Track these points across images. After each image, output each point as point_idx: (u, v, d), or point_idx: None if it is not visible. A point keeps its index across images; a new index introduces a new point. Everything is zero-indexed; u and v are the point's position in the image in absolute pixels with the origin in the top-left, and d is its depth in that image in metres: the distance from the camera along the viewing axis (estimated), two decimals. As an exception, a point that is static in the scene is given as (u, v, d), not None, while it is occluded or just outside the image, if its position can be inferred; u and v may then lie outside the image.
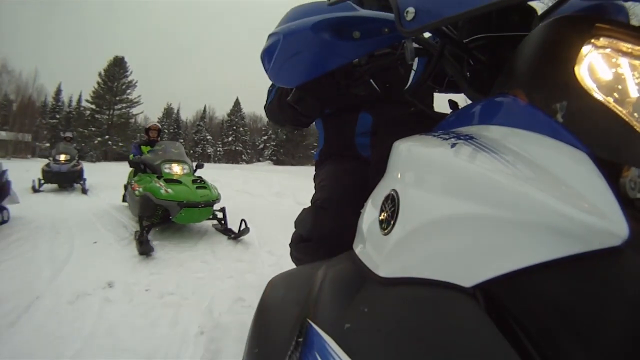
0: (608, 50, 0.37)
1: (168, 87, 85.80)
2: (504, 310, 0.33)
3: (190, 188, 3.91)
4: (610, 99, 0.35)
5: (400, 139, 0.63)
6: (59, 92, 42.25)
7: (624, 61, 0.37)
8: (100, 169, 8.34)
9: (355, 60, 0.81)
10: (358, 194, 0.86)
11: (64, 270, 2.74)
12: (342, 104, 1.17)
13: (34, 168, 7.38)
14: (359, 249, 0.63)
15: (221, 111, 62.55)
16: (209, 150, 46.75)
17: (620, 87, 0.36)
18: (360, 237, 0.66)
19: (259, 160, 45.29)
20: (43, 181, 7.41)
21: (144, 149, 5.37)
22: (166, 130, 45.40)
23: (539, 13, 0.71)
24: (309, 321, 0.52)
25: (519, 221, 0.33)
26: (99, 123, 38.79)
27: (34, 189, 7.12)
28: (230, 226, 4.14)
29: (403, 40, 0.70)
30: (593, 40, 0.38)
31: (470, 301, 0.35)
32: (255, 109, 60.53)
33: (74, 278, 2.59)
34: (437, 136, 0.53)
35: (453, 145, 0.46)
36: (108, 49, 68.19)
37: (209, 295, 2.38)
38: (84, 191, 7.60)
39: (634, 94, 0.35)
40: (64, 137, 8.68)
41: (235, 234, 3.86)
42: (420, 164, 0.52)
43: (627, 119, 0.34)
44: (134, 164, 4.79)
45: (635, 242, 0.28)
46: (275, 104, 1.02)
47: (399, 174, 0.58)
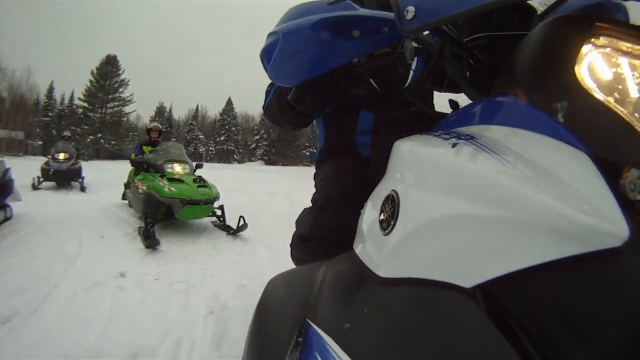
0: (608, 50, 0.37)
1: (160, 86, 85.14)
2: (504, 311, 0.33)
3: (192, 187, 4.10)
4: (610, 99, 0.35)
5: (400, 138, 0.63)
6: (51, 90, 41.68)
7: (624, 61, 0.36)
8: (94, 167, 8.41)
9: (355, 59, 0.80)
10: (358, 193, 0.86)
11: (76, 262, 2.90)
12: (342, 103, 1.16)
13: (30, 167, 7.38)
14: (359, 248, 0.63)
15: (213, 110, 62.16)
16: (201, 150, 46.52)
17: (620, 87, 0.36)
18: (360, 237, 0.66)
19: (251, 160, 45.18)
20: (42, 179, 7.48)
21: (145, 149, 5.51)
22: (159, 129, 45.14)
23: (539, 12, 0.71)
24: (309, 321, 0.52)
25: (519, 221, 0.33)
26: (91, 121, 38.30)
27: (33, 187, 7.19)
28: (228, 223, 4.32)
29: (403, 40, 0.69)
30: (593, 40, 0.38)
31: (470, 301, 0.35)
32: (248, 109, 60.56)
33: (87, 269, 2.75)
34: (438, 136, 0.53)
35: (454, 145, 0.46)
36: (101, 47, 67.44)
37: (213, 283, 2.59)
38: (83, 189, 7.67)
39: (634, 93, 0.35)
40: (63, 136, 8.74)
41: (234, 230, 4.04)
42: (420, 164, 0.52)
43: (628, 119, 0.33)
44: (137, 163, 4.94)
45: (635, 243, 0.27)
46: (274, 104, 1.01)
47: (399, 174, 0.58)
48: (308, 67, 0.69)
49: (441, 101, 0.99)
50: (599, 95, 0.35)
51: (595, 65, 0.37)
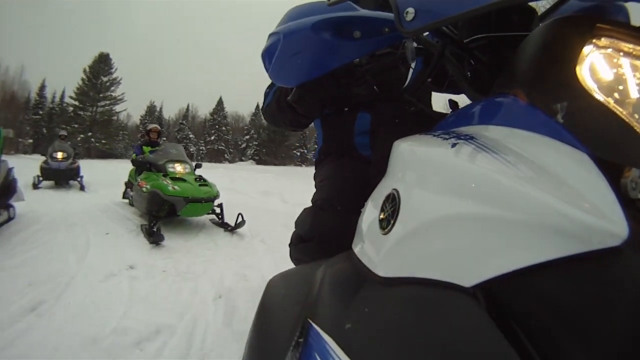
0: (609, 51, 0.37)
1: (151, 85, 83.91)
2: (504, 310, 0.33)
3: (193, 185, 4.33)
4: (610, 100, 0.35)
5: (400, 138, 0.63)
6: (42, 88, 40.70)
7: (625, 61, 0.36)
8: (87, 166, 8.46)
9: (356, 60, 0.79)
10: (358, 193, 0.85)
11: (88, 256, 3.09)
12: (341, 104, 1.15)
13: (24, 166, 7.41)
14: (358, 248, 0.62)
15: (204, 110, 62.18)
16: (191, 149, 46.19)
17: (621, 88, 0.35)
18: (359, 237, 0.65)
19: (242, 160, 45.03)
20: (42, 178, 7.54)
21: (145, 149, 5.67)
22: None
23: (539, 13, 0.71)
24: (309, 321, 0.52)
25: (519, 221, 0.33)
26: (81, 120, 37.69)
27: (34, 186, 7.26)
28: (225, 220, 4.55)
29: (404, 40, 0.68)
30: (594, 41, 0.37)
31: (470, 301, 0.35)
32: (238, 109, 60.56)
33: (99, 262, 2.95)
34: (438, 136, 0.53)
35: (453, 145, 0.45)
36: (92, 45, 66.14)
37: (217, 272, 2.84)
38: (82, 188, 7.76)
39: (634, 94, 0.35)
40: (59, 135, 8.79)
41: (232, 227, 4.27)
42: (420, 163, 0.51)
43: (628, 120, 0.33)
44: (139, 163, 5.11)
45: (635, 243, 0.27)
46: (273, 105, 1.01)
47: (399, 174, 0.57)
48: (309, 68, 0.69)
49: (440, 101, 1.03)
50: (599, 95, 0.35)
51: (597, 65, 0.37)
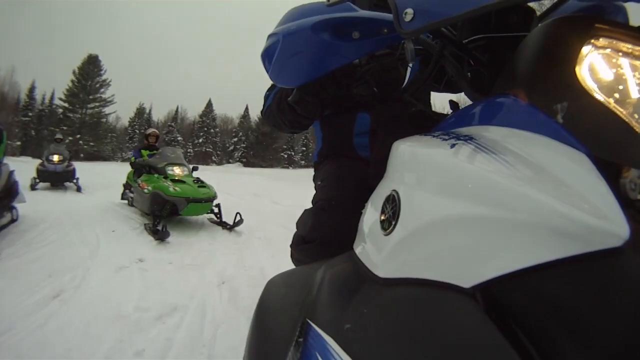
0: (608, 51, 0.36)
1: (140, 87, 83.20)
2: (503, 311, 0.33)
3: (193, 187, 4.61)
4: (610, 100, 0.34)
5: (399, 139, 0.62)
6: (32, 90, 39.93)
7: (625, 61, 0.36)
8: (79, 169, 8.57)
9: (356, 60, 0.78)
10: (358, 194, 0.84)
11: (99, 251, 3.34)
12: (340, 105, 1.14)
13: (16, 169, 7.46)
14: (359, 249, 0.62)
15: (193, 112, 61.48)
16: (179, 152, 45.94)
17: (620, 88, 0.35)
18: (360, 238, 0.64)
19: (229, 162, 44.90)
20: (38, 180, 7.66)
21: (143, 152, 5.89)
22: (137, 131, 44.32)
23: (538, 14, 0.70)
24: (309, 321, 0.52)
25: (519, 222, 0.33)
26: (71, 122, 37.17)
27: (32, 187, 7.37)
28: (223, 219, 4.82)
29: (403, 41, 0.67)
30: (593, 41, 0.37)
31: (470, 302, 0.34)
32: (227, 111, 60.37)
33: (110, 256, 3.20)
34: (437, 137, 0.52)
35: (453, 145, 0.45)
36: (82, 47, 65.32)
37: (219, 263, 3.15)
38: (79, 189, 7.90)
39: (634, 94, 0.34)
40: (55, 138, 8.90)
41: (231, 225, 4.55)
42: (420, 164, 0.51)
43: (627, 120, 0.33)
44: (139, 165, 5.34)
45: (635, 243, 0.27)
46: (274, 106, 1.00)
47: (399, 175, 0.56)
48: (308, 68, 0.68)
49: (440, 101, 1.02)
50: (599, 96, 0.34)
51: (596, 66, 0.36)
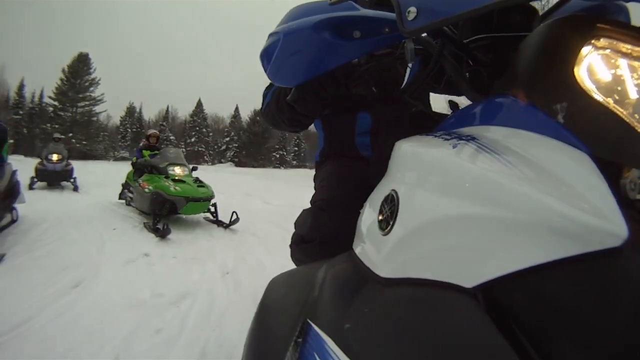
0: (608, 51, 0.36)
1: (130, 86, 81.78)
2: (504, 311, 0.32)
3: (192, 186, 4.83)
4: (610, 100, 0.34)
5: (400, 139, 0.62)
6: (21, 87, 39.08)
7: (624, 62, 0.36)
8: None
9: (355, 60, 0.77)
10: (359, 194, 0.83)
11: (105, 247, 3.53)
12: (341, 105, 1.13)
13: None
14: (358, 249, 0.61)
15: (183, 112, 60.87)
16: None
17: (620, 88, 0.35)
18: (359, 238, 0.64)
19: (221, 162, 44.81)
20: (36, 179, 7.70)
21: (144, 153, 6.05)
22: (129, 130, 44.02)
23: (540, 14, 0.69)
24: (309, 321, 0.52)
25: (519, 222, 0.33)
26: (62, 120, 36.64)
27: (30, 187, 7.41)
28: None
29: (403, 40, 0.67)
30: (593, 41, 0.37)
31: (470, 301, 0.34)
32: (217, 110, 59.79)
33: (116, 251, 3.40)
34: (439, 137, 0.52)
35: (455, 146, 0.45)
36: (70, 45, 64.19)
37: (220, 257, 3.40)
38: (76, 189, 7.97)
39: (633, 95, 0.34)
40: (53, 138, 8.96)
41: (227, 224, 4.74)
42: (421, 164, 0.50)
43: (627, 120, 0.33)
44: (140, 165, 5.53)
45: (634, 243, 0.27)
46: (272, 105, 0.99)
47: (400, 174, 0.56)
48: (308, 67, 0.68)
49: (440, 102, 1.02)
50: (598, 96, 0.34)
51: (595, 66, 0.36)
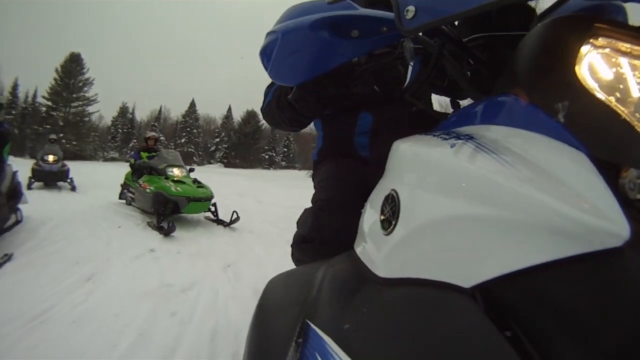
0: (607, 50, 0.36)
1: (123, 86, 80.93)
2: (503, 311, 0.32)
3: (192, 187, 5.04)
4: (611, 99, 0.34)
5: (400, 138, 0.61)
6: (15, 87, 38.44)
7: (624, 61, 0.35)
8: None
9: (355, 59, 0.78)
10: (358, 194, 0.84)
11: (112, 243, 3.72)
12: (341, 105, 1.13)
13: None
14: (359, 249, 0.61)
15: (176, 112, 60.37)
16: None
17: (621, 87, 0.34)
18: (361, 237, 0.63)
19: (210, 163, 44.68)
20: (34, 180, 7.77)
21: (143, 154, 6.22)
22: (120, 130, 43.55)
23: (538, 13, 0.70)
24: (309, 321, 0.51)
25: (519, 222, 0.32)
26: (54, 120, 36.05)
27: (28, 187, 7.43)
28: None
29: (402, 40, 0.66)
30: (592, 40, 0.37)
31: (469, 301, 0.34)
32: (210, 111, 59.77)
33: (124, 247, 3.59)
34: (438, 136, 0.51)
35: (453, 145, 0.44)
36: (64, 44, 63.81)
37: (221, 252, 3.63)
38: (73, 189, 8.06)
39: (634, 94, 0.34)
40: (49, 139, 9.01)
41: (228, 222, 4.92)
42: (420, 164, 0.50)
43: (628, 119, 0.32)
44: (139, 167, 5.69)
45: (635, 243, 0.27)
46: (273, 104, 0.98)
47: (399, 174, 0.56)
48: (308, 67, 0.68)
49: (441, 101, 1.10)
50: (599, 95, 0.34)
51: (595, 65, 0.36)
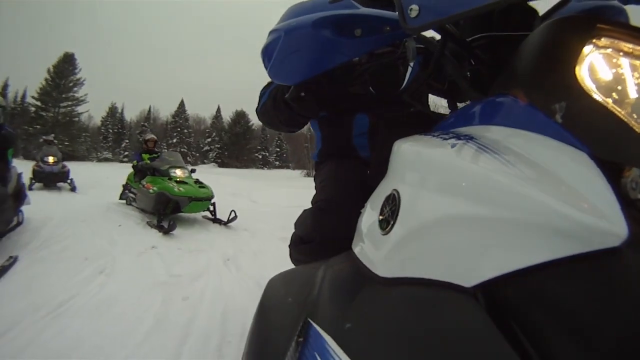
0: (609, 51, 0.36)
1: (112, 86, 79.87)
2: (504, 310, 0.32)
3: (194, 187, 5.24)
4: (609, 100, 0.34)
5: (400, 139, 0.61)
6: (5, 87, 37.66)
7: (625, 61, 0.35)
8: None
9: (355, 58, 0.76)
10: (358, 194, 0.83)
11: (115, 241, 3.86)
12: (338, 106, 1.13)
13: None
14: (358, 249, 0.61)
15: (165, 112, 59.90)
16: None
17: (620, 88, 0.34)
18: (359, 237, 0.63)
19: (204, 163, 44.47)
20: (34, 181, 7.83)
21: (144, 156, 6.38)
22: (110, 130, 43.17)
23: (541, 14, 0.70)
24: (309, 321, 0.51)
25: (519, 221, 0.33)
26: (44, 121, 35.64)
27: (29, 188, 7.35)
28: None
29: (404, 39, 0.66)
30: (594, 41, 0.37)
31: (470, 301, 0.34)
32: (199, 111, 59.49)
33: (127, 245, 3.75)
34: (438, 136, 0.52)
35: (453, 145, 0.44)
36: (54, 44, 62.62)
37: (220, 248, 3.85)
38: (73, 189, 8.13)
39: (633, 94, 0.34)
40: (46, 140, 9.02)
41: (226, 221, 5.08)
42: (420, 164, 0.50)
43: (627, 120, 0.33)
44: (142, 168, 5.86)
45: (635, 243, 0.27)
46: (269, 105, 0.97)
47: (399, 174, 0.56)
48: (309, 65, 0.68)
49: (439, 102, 0.97)
50: (598, 96, 0.34)
51: (596, 66, 0.36)
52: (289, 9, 0.71)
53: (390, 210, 0.51)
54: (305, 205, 1.14)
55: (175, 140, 46.36)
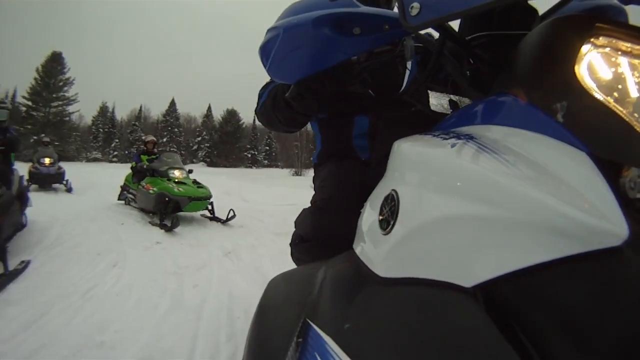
0: (608, 50, 0.36)
1: (103, 85, 78.86)
2: (504, 310, 0.32)
3: (193, 187, 5.49)
4: (610, 99, 0.33)
5: (399, 139, 0.61)
6: None
7: (624, 60, 0.35)
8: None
9: (354, 57, 0.76)
10: (358, 194, 0.82)
11: (122, 238, 4.14)
12: (338, 106, 1.12)
13: None
14: (359, 249, 0.61)
15: (156, 111, 59.27)
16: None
17: (620, 87, 0.34)
18: (360, 237, 0.63)
19: (193, 162, 44.25)
20: (31, 182, 7.83)
21: (143, 157, 6.55)
22: (101, 130, 42.68)
23: (540, 14, 0.69)
24: (309, 321, 0.51)
25: (519, 221, 0.32)
26: (34, 120, 35.10)
27: (26, 189, 7.53)
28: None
29: (403, 38, 0.66)
30: (593, 40, 0.36)
31: (470, 301, 0.34)
32: (190, 110, 58.92)
33: (134, 240, 4.06)
34: (437, 136, 0.51)
35: (453, 145, 0.44)
36: (43, 43, 61.31)
37: (219, 243, 4.17)
38: (70, 190, 8.22)
39: (633, 93, 0.33)
40: (42, 142, 9.08)
41: (225, 220, 5.32)
42: (420, 164, 0.50)
43: (627, 119, 0.32)
44: (141, 169, 6.06)
45: (634, 242, 0.26)
46: (268, 104, 0.95)
47: (399, 174, 0.55)
48: (308, 64, 0.67)
49: (440, 101, 0.96)
50: (598, 95, 0.34)
51: (595, 65, 0.36)
52: (288, 7, 0.71)
53: (390, 211, 0.50)
54: (297, 203, 1.34)
55: (165, 139, 45.98)
